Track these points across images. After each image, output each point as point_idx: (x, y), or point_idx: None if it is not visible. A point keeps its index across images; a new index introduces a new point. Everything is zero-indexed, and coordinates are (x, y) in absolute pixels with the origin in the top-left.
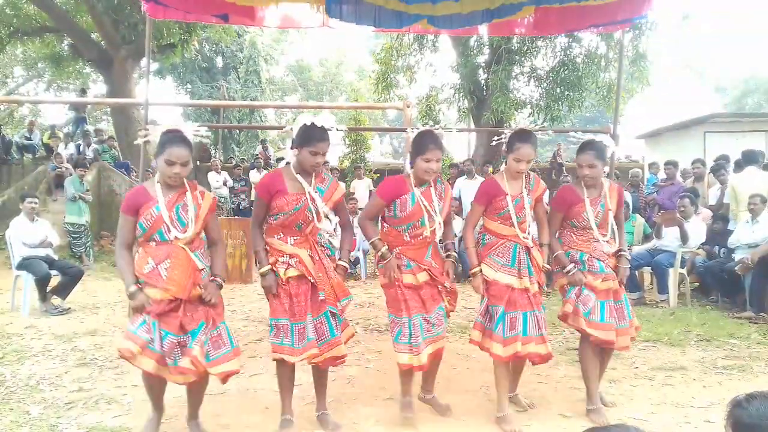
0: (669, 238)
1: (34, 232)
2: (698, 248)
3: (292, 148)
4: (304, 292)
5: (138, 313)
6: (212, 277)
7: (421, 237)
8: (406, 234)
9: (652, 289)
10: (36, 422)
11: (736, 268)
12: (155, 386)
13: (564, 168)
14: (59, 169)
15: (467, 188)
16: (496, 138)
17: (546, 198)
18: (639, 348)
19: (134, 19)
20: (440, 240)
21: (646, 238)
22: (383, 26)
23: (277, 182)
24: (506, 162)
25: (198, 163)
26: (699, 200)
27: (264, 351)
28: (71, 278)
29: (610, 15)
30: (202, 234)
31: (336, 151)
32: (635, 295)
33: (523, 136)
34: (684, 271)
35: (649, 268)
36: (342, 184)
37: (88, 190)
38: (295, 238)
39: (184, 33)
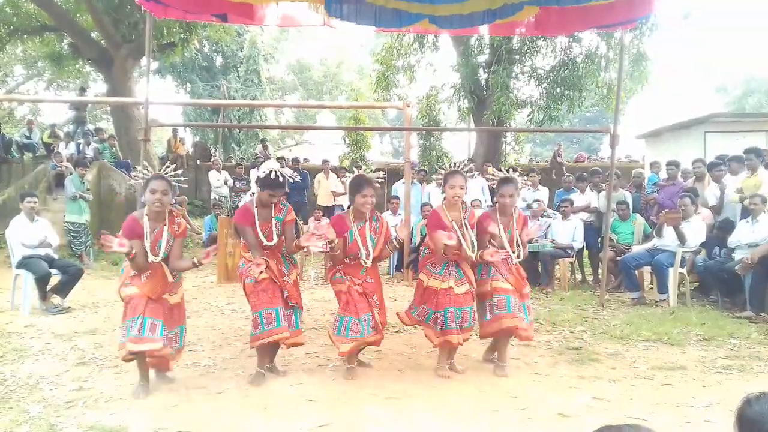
0: (669, 237)
1: (33, 232)
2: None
3: (257, 186)
4: (272, 290)
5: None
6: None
7: (357, 260)
8: (346, 258)
9: (651, 288)
10: (35, 421)
11: (736, 267)
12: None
13: (564, 168)
14: (59, 168)
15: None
16: (436, 177)
17: (546, 197)
18: (639, 348)
19: (134, 18)
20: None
21: (646, 237)
22: (384, 26)
23: (250, 215)
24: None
25: (198, 162)
26: (699, 200)
27: None
28: (71, 277)
29: (612, 16)
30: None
31: (336, 151)
32: (635, 295)
33: (454, 171)
34: (684, 270)
35: (649, 268)
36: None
37: (88, 189)
38: (264, 251)
39: (184, 32)
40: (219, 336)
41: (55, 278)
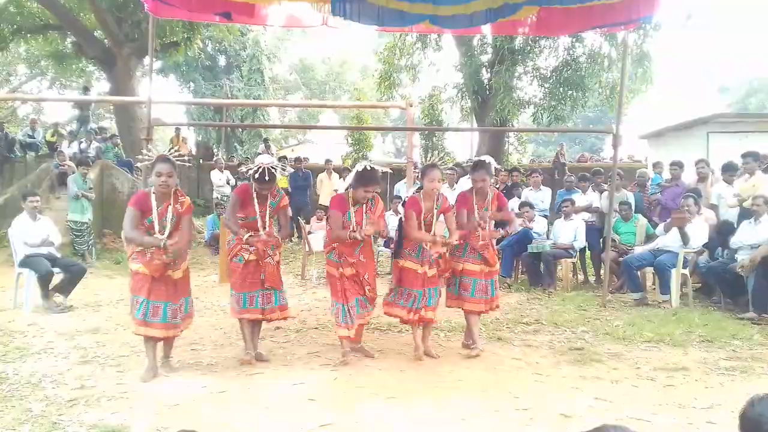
0: (672, 238)
1: (35, 231)
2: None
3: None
4: (256, 273)
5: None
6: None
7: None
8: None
9: (654, 289)
10: (38, 419)
11: (738, 269)
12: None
13: (567, 168)
14: (62, 167)
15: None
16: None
17: (548, 198)
18: (641, 348)
19: (137, 17)
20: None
21: (649, 238)
22: (386, 25)
23: (249, 194)
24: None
25: (201, 161)
26: (702, 201)
27: (264, 349)
28: (73, 276)
29: (614, 16)
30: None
31: (338, 151)
32: (637, 296)
33: (432, 165)
34: (686, 271)
35: (651, 269)
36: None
37: (91, 188)
38: (251, 233)
39: (187, 31)
40: (221, 335)
41: (57, 277)
